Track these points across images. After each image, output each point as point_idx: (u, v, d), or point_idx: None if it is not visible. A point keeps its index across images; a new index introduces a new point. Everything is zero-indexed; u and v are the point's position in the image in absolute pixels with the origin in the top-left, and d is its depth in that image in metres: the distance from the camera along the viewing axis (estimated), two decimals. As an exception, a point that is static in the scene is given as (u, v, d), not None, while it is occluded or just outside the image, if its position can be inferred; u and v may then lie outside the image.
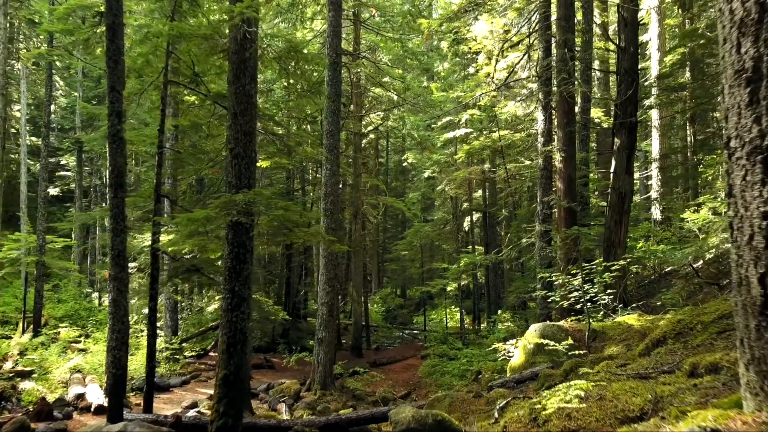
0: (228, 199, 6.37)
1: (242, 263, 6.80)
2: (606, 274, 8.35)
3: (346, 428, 8.10)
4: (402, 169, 43.02)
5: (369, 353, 21.96)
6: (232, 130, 6.95)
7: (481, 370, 14.82)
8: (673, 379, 3.56)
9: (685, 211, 20.41)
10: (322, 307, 14.10)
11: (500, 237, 26.76)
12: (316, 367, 13.97)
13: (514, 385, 7.53)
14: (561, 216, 12.37)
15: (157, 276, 8.93)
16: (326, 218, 14.15)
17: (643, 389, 3.41)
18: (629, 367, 4.60)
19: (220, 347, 6.71)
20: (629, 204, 12.09)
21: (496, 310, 25.35)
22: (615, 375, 4.34)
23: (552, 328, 8.35)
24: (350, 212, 22.22)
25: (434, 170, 25.81)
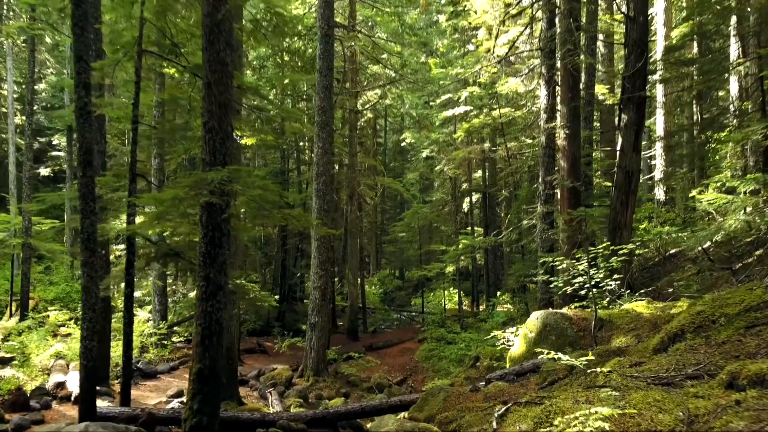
0: (199, 177, 5.77)
1: (218, 248, 6.22)
2: (613, 258, 7.77)
3: (335, 422, 7.59)
4: (401, 149, 42.30)
5: (365, 336, 21.53)
6: (206, 102, 6.32)
7: (480, 355, 14.35)
8: (705, 390, 3.00)
9: (690, 192, 19.82)
10: (315, 291, 13.57)
11: (500, 218, 26.18)
12: (309, 352, 13.49)
13: (514, 378, 7.00)
14: (564, 196, 11.76)
15: (133, 260, 8.36)
16: (318, 199, 13.55)
17: (670, 402, 2.85)
18: (646, 368, 4.03)
19: (194, 339, 6.16)
20: (636, 184, 11.47)
21: (495, 292, 24.88)
22: (631, 378, 3.78)
23: (555, 316, 7.80)
24: (346, 193, 21.60)
25: (433, 150, 25.14)
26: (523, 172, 22.63)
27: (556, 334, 7.60)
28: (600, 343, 7.01)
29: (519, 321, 16.52)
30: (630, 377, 3.85)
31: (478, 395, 6.56)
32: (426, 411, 6.65)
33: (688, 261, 14.16)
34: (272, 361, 15.80)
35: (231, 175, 5.91)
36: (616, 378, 3.96)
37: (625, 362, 4.51)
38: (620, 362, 4.54)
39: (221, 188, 5.87)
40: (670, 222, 20.50)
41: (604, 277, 7.92)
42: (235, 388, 10.67)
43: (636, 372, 3.95)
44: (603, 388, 3.59)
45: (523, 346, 8.02)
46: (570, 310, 7.96)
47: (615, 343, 6.81)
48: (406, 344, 19.82)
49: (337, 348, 15.83)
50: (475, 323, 18.93)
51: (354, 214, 20.70)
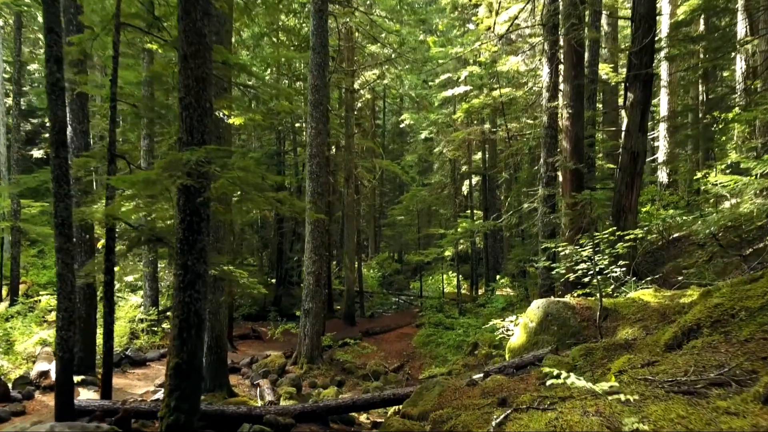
0: (173, 158, 5.31)
1: (196, 233, 5.78)
2: (619, 244, 7.35)
3: (325, 416, 7.23)
4: (400, 131, 41.67)
5: (362, 321, 21.20)
6: (182, 76, 5.83)
7: (478, 342, 14.04)
8: (738, 405, 2.58)
9: (696, 174, 19.34)
10: (308, 277, 13.18)
11: (500, 201, 25.73)
12: (303, 339, 13.14)
13: (514, 371, 6.61)
14: (566, 179, 11.31)
15: (113, 247, 7.93)
16: (312, 182, 13.08)
17: (698, 420, 2.44)
18: (661, 369, 3.62)
19: (172, 332, 5.75)
20: (642, 165, 11.01)
21: (494, 276, 24.53)
22: (646, 383, 3.37)
23: (557, 305, 7.39)
24: (343, 176, 21.12)
25: (431, 131, 24.59)
26: (524, 153, 22.12)
27: (558, 325, 7.20)
28: (605, 334, 6.61)
29: (518, 306, 16.18)
30: (644, 381, 3.44)
31: (476, 390, 6.17)
32: (420, 406, 6.28)
33: (693, 245, 13.75)
34: (267, 347, 15.47)
35: (209, 156, 5.45)
36: (628, 381, 3.55)
37: (636, 361, 4.10)
38: (630, 361, 4.13)
39: (198, 170, 5.41)
40: (672, 205, 20.05)
41: (609, 264, 7.51)
42: (224, 377, 10.31)
43: (650, 374, 3.54)
44: (614, 395, 3.17)
45: (523, 336, 7.63)
46: (573, 299, 7.55)
47: (621, 335, 6.41)
48: (404, 329, 19.50)
49: (332, 334, 15.50)
50: (473, 308, 18.59)
51: (351, 197, 20.25)
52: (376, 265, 34.18)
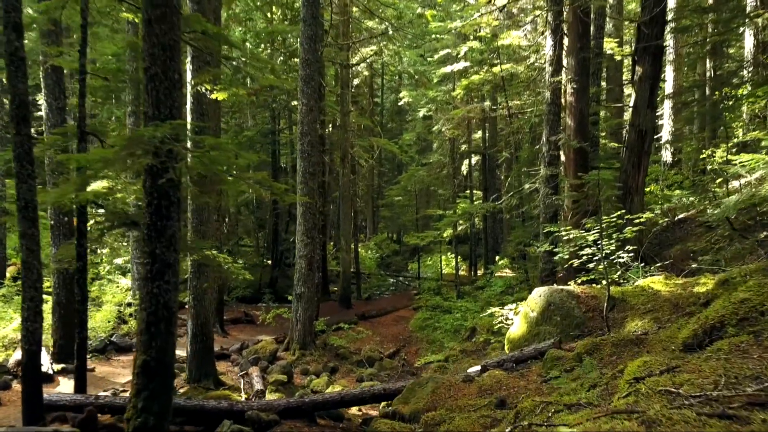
0: (134, 135, 4.76)
1: (165, 219, 5.24)
2: (627, 228, 6.83)
3: (311, 412, 6.78)
4: (398, 109, 40.85)
5: (359, 304, 20.80)
6: (146, 44, 5.23)
7: (476, 327, 13.59)
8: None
9: (702, 153, 18.74)
10: (300, 260, 12.68)
11: (500, 181, 25.15)
12: (295, 324, 12.69)
13: (513, 366, 6.14)
14: (570, 158, 10.74)
15: (85, 230, 7.41)
16: (304, 161, 12.50)
17: (746, 463, 1.97)
18: (684, 378, 3.11)
19: (139, 326, 5.25)
20: (650, 144, 10.45)
21: (493, 257, 24.07)
22: (668, 398, 2.86)
23: (560, 293, 6.89)
24: (338, 155, 20.51)
25: (430, 109, 23.89)
26: (525, 132, 21.47)
27: (561, 315, 6.71)
28: (612, 326, 6.12)
29: (518, 290, 15.72)
30: (667, 394, 2.93)
31: (472, 387, 5.71)
32: (412, 404, 5.81)
33: (701, 227, 13.24)
34: (259, 332, 15.04)
35: (175, 132, 4.89)
36: (647, 393, 3.05)
37: (653, 365, 3.59)
38: (647, 365, 3.63)
39: (163, 148, 4.86)
40: (676, 185, 19.49)
41: (616, 249, 7.01)
42: (211, 366, 9.88)
43: (673, 385, 3.03)
44: (632, 414, 2.67)
45: (523, 327, 7.15)
46: (577, 287, 7.05)
47: (630, 327, 5.92)
48: (401, 312, 19.09)
49: (325, 319, 15.05)
50: (472, 291, 18.15)
51: (347, 177, 19.67)
52: (374, 246, 33.72)
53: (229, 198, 25.51)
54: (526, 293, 14.77)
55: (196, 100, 9.51)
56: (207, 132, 9.57)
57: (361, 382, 11.68)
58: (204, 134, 9.39)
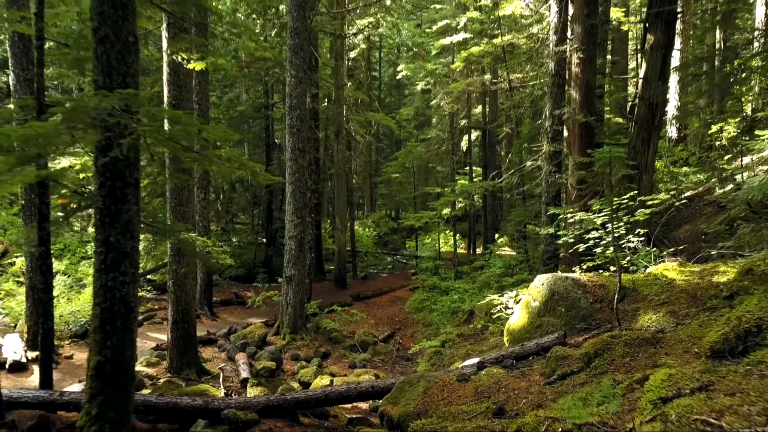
0: (76, 106, 4.11)
1: (120, 202, 4.63)
2: (639, 211, 6.21)
3: (294, 411, 6.25)
4: (396, 83, 39.94)
5: (354, 284, 20.29)
6: (96, 1, 4.55)
7: (474, 310, 13.09)
8: None
9: (710, 128, 18.02)
10: (290, 242, 12.09)
11: (500, 157, 24.44)
12: (285, 308, 12.17)
13: (513, 363, 5.58)
14: (575, 133, 10.07)
15: (47, 213, 6.80)
16: (292, 137, 11.83)
17: None
18: (724, 402, 2.53)
19: (93, 323, 4.67)
20: (661, 118, 9.78)
21: (493, 235, 23.51)
22: (705, 429, 2.28)
23: (565, 282, 6.31)
24: (333, 130, 19.78)
25: (428, 82, 23.05)
26: (526, 107, 20.70)
27: (566, 306, 6.13)
28: (623, 319, 5.55)
29: (517, 271, 15.17)
30: (704, 426, 2.34)
31: (468, 387, 5.16)
32: (401, 405, 5.26)
33: (710, 206, 12.65)
34: (250, 314, 14.54)
35: (127, 103, 4.23)
36: (679, 422, 2.47)
37: (679, 379, 3.02)
38: (673, 379, 3.05)
39: (114, 122, 4.21)
40: (682, 161, 18.82)
41: (625, 233, 6.40)
42: (193, 353, 9.35)
43: (710, 413, 2.45)
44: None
45: (524, 317, 6.58)
46: (583, 275, 6.46)
47: (643, 321, 5.34)
48: (397, 293, 18.59)
49: (317, 302, 14.52)
50: (470, 271, 17.62)
51: (342, 153, 18.97)
52: (371, 223, 33.16)
53: (216, 176, 24.87)
54: (526, 274, 14.25)
55: (172, 70, 8.80)
56: (185, 105, 8.89)
57: (354, 369, 11.21)
58: (182, 108, 8.73)
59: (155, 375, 9.06)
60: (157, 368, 9.31)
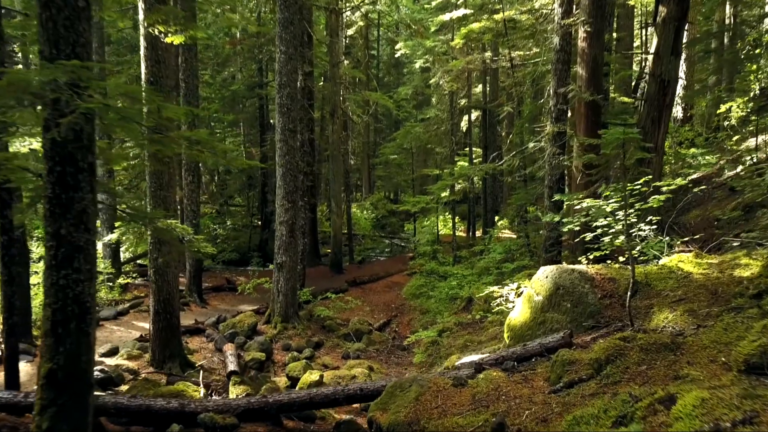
0: (14, 79, 3.55)
1: (72, 190, 4.09)
2: (653, 197, 5.67)
3: (276, 414, 5.78)
4: (395, 62, 39.09)
5: (351, 268, 19.83)
6: (38, -42, 3.96)
7: (473, 298, 12.62)
8: None
9: (719, 108, 17.38)
10: (281, 227, 11.58)
11: (500, 138, 23.83)
12: (276, 296, 11.70)
13: (514, 365, 5.10)
14: (581, 113, 9.49)
15: (9, 201, 6.27)
16: (282, 116, 11.24)
17: None
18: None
19: (43, 326, 4.17)
20: (673, 96, 9.19)
21: (492, 218, 23.01)
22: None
23: (571, 275, 5.79)
24: (328, 110, 19.14)
25: (427, 60, 22.30)
26: (527, 87, 20.00)
27: (572, 301, 5.63)
28: (635, 317, 5.04)
29: (518, 256, 14.69)
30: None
31: (464, 394, 4.68)
32: (391, 412, 4.79)
33: (720, 189, 12.12)
34: (241, 301, 14.08)
35: (75, 76, 3.67)
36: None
37: (715, 405, 2.52)
38: (706, 406, 2.56)
39: (54, 96, 3.65)
40: (688, 142, 18.20)
41: (637, 221, 5.87)
42: (176, 345, 8.89)
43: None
44: None
45: (526, 312, 6.08)
46: (591, 267, 5.94)
47: (658, 320, 4.84)
48: (394, 278, 18.14)
49: (310, 289, 14.05)
50: (469, 256, 17.13)
51: (337, 134, 18.34)
52: (369, 206, 32.61)
53: (207, 157, 24.24)
54: (527, 260, 13.76)
55: (150, 44, 8.19)
56: (164, 83, 8.30)
57: (347, 359, 10.78)
58: (160, 86, 8.15)
59: (136, 369, 8.61)
60: (138, 361, 8.86)
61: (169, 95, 8.41)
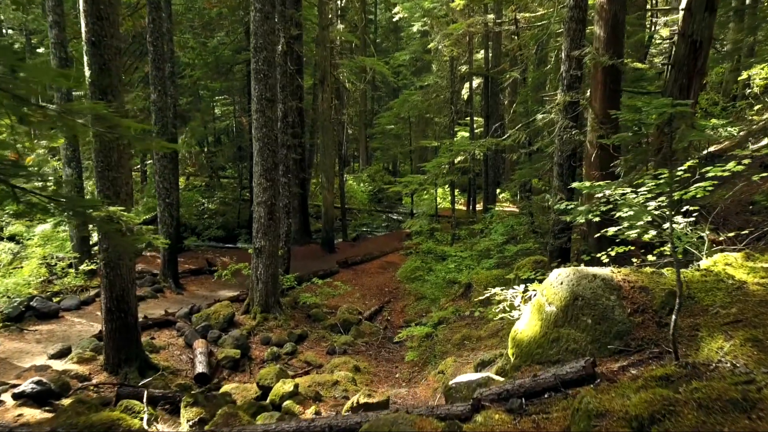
0: None
1: None
2: (696, 186, 4.53)
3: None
4: (394, 26, 37.31)
5: (344, 246, 18.76)
6: None
7: (472, 284, 11.56)
8: None
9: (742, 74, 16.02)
10: (258, 208, 10.43)
11: (503, 107, 22.46)
12: (255, 284, 10.63)
13: (522, 404, 3.99)
14: (598, 79, 8.22)
15: None
16: (259, 84, 9.97)
17: None
18: None
19: None
20: (705, 59, 7.90)
21: (494, 190, 21.86)
22: None
23: (592, 282, 4.66)
24: (318, 76, 17.76)
25: (425, 23, 20.78)
26: (531, 53, 18.51)
27: (594, 316, 4.51)
28: (680, 342, 3.92)
29: (522, 238, 13.57)
30: None
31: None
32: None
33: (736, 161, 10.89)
34: (221, 285, 13.03)
35: None
36: None
37: None
38: None
39: None
40: (701, 112, 16.92)
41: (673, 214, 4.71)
42: (134, 346, 7.83)
43: None
44: None
45: (536, 325, 4.97)
46: (616, 272, 4.78)
47: (709, 353, 3.72)
48: (389, 257, 17.10)
49: (295, 275, 12.94)
50: (468, 235, 16.01)
51: (327, 102, 17.02)
52: (367, 177, 31.40)
53: (193, 132, 22.96)
54: (532, 242, 12.61)
55: (97, 0, 6.92)
56: (109, 43, 7.03)
57: (332, 355, 9.79)
58: (104, 46, 6.90)
59: (87, 374, 7.58)
60: (91, 365, 7.81)
61: (115, 58, 7.14)
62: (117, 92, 7.27)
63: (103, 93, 7.13)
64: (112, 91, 7.19)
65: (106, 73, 7.12)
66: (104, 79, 7.12)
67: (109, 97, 7.16)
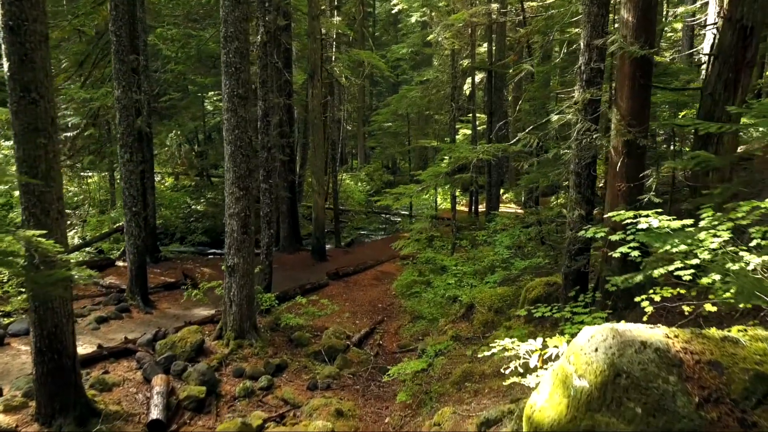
0: None
1: None
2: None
3: None
4: (394, 19, 35.96)
5: (336, 254, 17.49)
6: None
7: (474, 304, 10.31)
8: None
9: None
10: (231, 221, 9.15)
11: (507, 103, 21.12)
12: (228, 306, 9.37)
13: None
14: (625, 73, 6.89)
15: None
16: (230, 78, 8.68)
17: None
18: None
19: None
20: (756, 50, 6.58)
21: (498, 191, 20.61)
22: None
23: (641, 354, 3.36)
24: (307, 71, 16.45)
25: (425, 13, 19.46)
26: (536, 45, 17.15)
27: (647, 405, 3.22)
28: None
29: (530, 249, 12.28)
30: None
31: None
32: None
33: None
34: (196, 303, 11.72)
35: None
36: None
37: None
38: None
39: None
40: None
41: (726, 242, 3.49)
42: (70, 392, 6.58)
43: None
44: None
45: (561, 403, 3.68)
46: (674, 338, 3.48)
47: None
48: (384, 266, 15.83)
49: (276, 294, 11.62)
50: (470, 244, 14.72)
51: (317, 99, 15.71)
52: (365, 176, 30.11)
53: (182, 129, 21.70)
54: (541, 257, 11.33)
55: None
56: (32, 29, 5.75)
57: (314, 390, 8.54)
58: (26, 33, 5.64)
59: (14, 427, 6.33)
60: (20, 414, 6.56)
61: (40, 47, 5.86)
62: (44, 89, 5.98)
63: (25, 89, 5.86)
64: (37, 87, 5.92)
65: (29, 66, 5.85)
66: (26, 72, 5.85)
67: (33, 95, 5.89)
